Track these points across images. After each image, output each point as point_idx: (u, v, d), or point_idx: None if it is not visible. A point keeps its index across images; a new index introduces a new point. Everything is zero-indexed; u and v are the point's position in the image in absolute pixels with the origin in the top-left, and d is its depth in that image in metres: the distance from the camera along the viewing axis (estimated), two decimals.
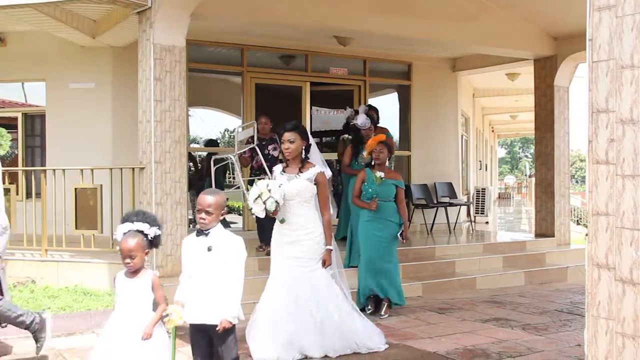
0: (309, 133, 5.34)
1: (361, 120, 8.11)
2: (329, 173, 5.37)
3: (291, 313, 5.03)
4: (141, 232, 3.74)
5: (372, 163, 6.75)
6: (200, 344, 3.86)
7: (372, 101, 11.66)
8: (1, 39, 9.87)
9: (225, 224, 3.85)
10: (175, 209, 7.20)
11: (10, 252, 8.07)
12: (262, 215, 4.96)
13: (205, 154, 11.51)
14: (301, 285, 5.08)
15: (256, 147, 8.01)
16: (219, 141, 12.38)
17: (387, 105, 12.57)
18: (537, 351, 5.35)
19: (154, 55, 7.11)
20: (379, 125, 9.12)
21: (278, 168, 5.39)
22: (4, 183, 8.30)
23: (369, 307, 6.71)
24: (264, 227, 7.34)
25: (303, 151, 5.23)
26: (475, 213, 14.15)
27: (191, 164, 10.90)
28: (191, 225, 8.26)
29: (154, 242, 3.80)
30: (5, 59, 9.81)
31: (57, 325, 6.22)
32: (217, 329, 3.67)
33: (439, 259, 9.05)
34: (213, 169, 7.98)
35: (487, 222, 14.83)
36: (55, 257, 7.89)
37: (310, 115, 11.23)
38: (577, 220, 21.93)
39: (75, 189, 7.83)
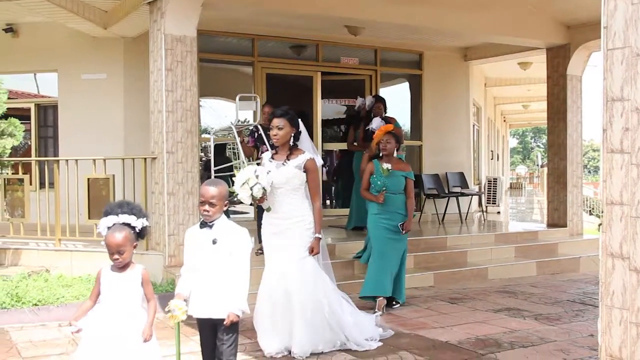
0: (299, 120, 5.19)
1: (376, 124, 7.88)
2: (319, 161, 5.25)
3: (287, 306, 4.93)
4: (128, 224, 3.51)
5: (380, 154, 6.62)
6: (208, 341, 3.79)
7: (383, 91, 11.63)
8: (13, 30, 9.91)
9: (226, 214, 3.79)
10: (187, 199, 7.24)
11: (25, 241, 8.18)
12: (248, 201, 4.82)
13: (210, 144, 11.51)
14: (292, 276, 4.95)
15: (262, 134, 7.48)
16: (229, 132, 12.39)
17: (398, 95, 12.54)
18: (550, 341, 5.34)
19: (165, 45, 7.12)
20: (386, 115, 9.13)
21: (267, 155, 5.29)
22: (17, 173, 8.41)
23: (376, 309, 6.31)
24: None
25: (292, 138, 5.09)
26: (487, 203, 14.09)
27: (202, 154, 10.92)
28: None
29: (141, 234, 3.59)
30: (17, 50, 9.85)
31: (71, 313, 6.29)
32: (225, 322, 3.60)
33: (450, 249, 9.03)
34: (212, 151, 7.89)
35: (498, 212, 14.77)
36: (69, 246, 7.95)
37: (322, 105, 11.20)
38: (590, 211, 21.82)
39: (88, 179, 7.87)
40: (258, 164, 5.44)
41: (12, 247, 8.07)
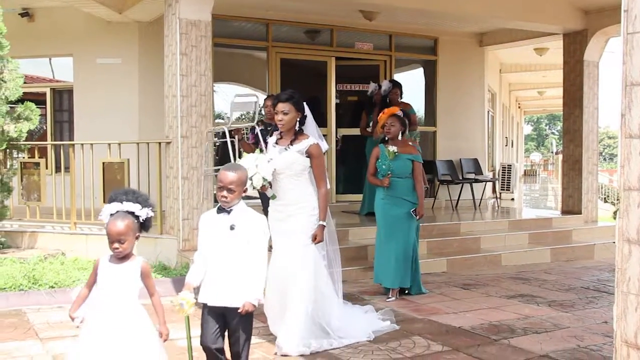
0: (304, 104, 5.01)
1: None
2: (324, 146, 5.06)
3: (287, 294, 4.79)
4: (132, 213, 3.31)
5: (386, 138, 6.45)
6: (212, 328, 3.57)
7: (397, 76, 11.57)
8: (29, 14, 9.96)
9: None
10: (201, 183, 7.26)
11: (41, 224, 8.25)
12: (249, 191, 4.51)
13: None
14: (292, 263, 4.80)
15: (258, 133, 7.01)
16: (243, 117, 12.39)
17: (413, 81, 12.47)
18: (564, 327, 5.33)
19: (179, 29, 7.12)
20: (402, 100, 9.10)
21: (272, 139, 5.13)
22: (33, 157, 8.48)
23: (390, 295, 6.34)
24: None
25: (297, 123, 4.94)
26: (501, 189, 14.04)
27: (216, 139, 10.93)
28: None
29: (145, 225, 3.37)
30: (33, 34, 9.89)
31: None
32: (240, 311, 3.45)
33: (464, 235, 9.02)
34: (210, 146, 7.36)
35: (512, 199, 14.72)
36: (84, 230, 8.02)
37: (335, 90, 11.18)
38: (605, 198, 21.68)
39: (103, 163, 7.91)
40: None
41: (28, 230, 8.16)
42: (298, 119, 4.93)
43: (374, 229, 7.86)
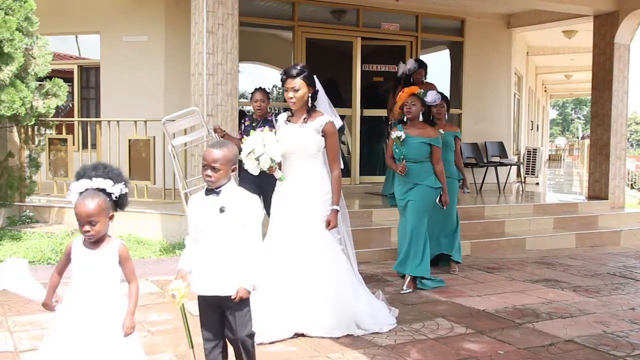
0: (315, 78, 4.61)
1: (432, 97, 6.76)
2: (339, 122, 4.70)
3: (291, 284, 4.48)
4: (103, 190, 2.97)
5: (404, 119, 6.07)
6: (210, 318, 3.32)
7: (423, 58, 11.44)
8: None
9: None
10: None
11: (68, 200, 8.34)
12: (255, 172, 4.31)
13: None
14: (302, 251, 4.48)
15: (212, 133, 6.54)
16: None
17: (439, 62, 12.36)
18: (589, 313, 5.28)
19: (206, 7, 7.09)
20: (425, 81, 9.00)
21: (282, 117, 4.72)
22: (60, 133, 8.56)
23: (405, 287, 5.95)
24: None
25: (309, 99, 4.56)
26: (526, 174, 13.91)
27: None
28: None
29: (119, 203, 3.03)
30: (61, 11, 9.93)
31: None
32: (233, 297, 3.16)
33: (488, 219, 8.97)
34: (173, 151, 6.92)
35: (537, 183, 14.58)
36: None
37: (361, 71, 11.11)
38: (632, 184, 21.37)
39: (129, 140, 7.97)
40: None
41: (56, 205, 8.26)
42: (310, 95, 4.56)
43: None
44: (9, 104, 6.69)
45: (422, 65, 8.98)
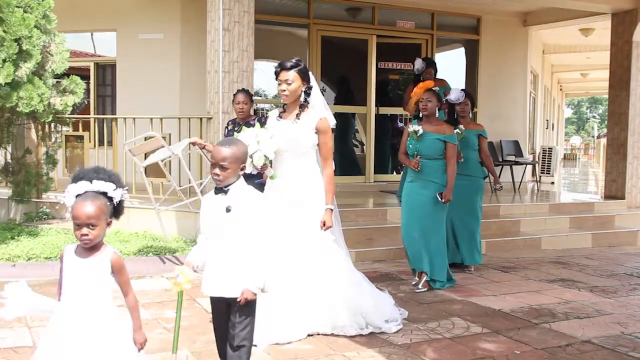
0: (310, 73, 4.52)
1: (455, 94, 6.63)
2: (332, 120, 4.55)
3: (294, 287, 4.39)
4: (104, 194, 2.81)
5: (420, 115, 5.96)
6: (220, 319, 3.28)
7: (438, 56, 11.45)
8: None
9: None
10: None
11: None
12: (249, 169, 4.12)
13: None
14: (301, 252, 4.40)
15: (170, 150, 6.41)
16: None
17: (454, 60, 12.32)
18: (606, 313, 5.24)
19: (222, 5, 7.11)
20: (437, 77, 8.95)
21: (274, 113, 4.60)
22: (77, 130, 8.61)
23: (420, 286, 5.88)
24: None
25: (303, 94, 4.43)
26: (541, 173, 13.83)
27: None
28: None
29: (117, 210, 2.87)
30: (77, 9, 9.98)
31: (128, 269, 6.47)
32: (238, 300, 3.11)
33: (503, 218, 8.92)
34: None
35: (552, 183, 14.48)
36: (126, 203, 8.10)
37: (376, 68, 11.08)
38: None
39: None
40: None
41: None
42: (303, 90, 4.43)
43: None
44: (27, 101, 6.74)
45: (430, 65, 8.75)
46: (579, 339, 4.53)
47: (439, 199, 5.79)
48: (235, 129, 6.08)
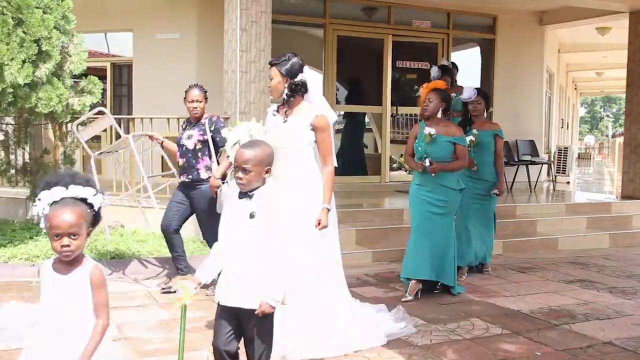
0: (300, 69, 4.23)
1: (467, 93, 6.51)
2: (333, 117, 4.36)
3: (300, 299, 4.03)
4: (83, 200, 2.51)
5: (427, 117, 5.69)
6: (224, 326, 3.10)
7: (454, 55, 11.42)
8: None
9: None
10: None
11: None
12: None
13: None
14: (310, 258, 4.17)
15: (130, 138, 6.18)
16: None
17: (470, 60, 12.28)
18: (626, 315, 5.21)
19: (240, 5, 7.12)
20: (456, 84, 8.84)
21: (271, 108, 4.45)
22: None
23: (408, 294, 5.57)
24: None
25: (286, 89, 4.19)
26: (557, 172, 13.75)
27: None
28: None
29: (96, 218, 2.56)
30: (94, 9, 10.03)
31: (147, 269, 6.51)
32: (256, 312, 2.96)
33: (519, 218, 8.88)
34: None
35: (568, 182, 14.39)
36: (142, 203, 8.15)
37: (392, 68, 11.07)
38: None
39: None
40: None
41: None
42: (286, 85, 4.19)
43: None
44: (46, 102, 6.77)
45: (445, 72, 7.89)
46: (600, 341, 4.51)
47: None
48: (185, 129, 5.83)
